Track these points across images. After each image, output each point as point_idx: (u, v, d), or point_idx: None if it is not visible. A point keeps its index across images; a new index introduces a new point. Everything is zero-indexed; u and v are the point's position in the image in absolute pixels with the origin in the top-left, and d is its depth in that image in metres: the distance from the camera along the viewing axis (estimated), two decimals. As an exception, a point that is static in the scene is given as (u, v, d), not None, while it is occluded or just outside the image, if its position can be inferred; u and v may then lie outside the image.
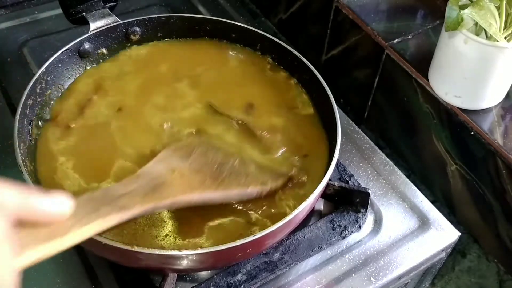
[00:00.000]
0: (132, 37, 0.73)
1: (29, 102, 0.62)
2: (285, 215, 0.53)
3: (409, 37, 0.77)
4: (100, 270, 0.63)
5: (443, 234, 0.69)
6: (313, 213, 0.69)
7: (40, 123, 0.64)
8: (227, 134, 0.65)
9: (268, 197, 0.59)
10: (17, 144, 0.56)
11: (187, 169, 0.54)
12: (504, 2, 0.62)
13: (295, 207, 0.55)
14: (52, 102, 0.67)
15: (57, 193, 0.36)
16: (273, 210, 0.59)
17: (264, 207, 0.59)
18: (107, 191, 0.47)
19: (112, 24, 0.71)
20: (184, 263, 0.52)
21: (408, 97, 0.76)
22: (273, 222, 0.52)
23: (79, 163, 0.61)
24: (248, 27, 0.73)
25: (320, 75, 0.67)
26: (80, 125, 0.65)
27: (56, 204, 0.36)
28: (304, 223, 0.64)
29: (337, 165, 0.71)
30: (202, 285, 0.60)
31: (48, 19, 0.92)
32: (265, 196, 0.58)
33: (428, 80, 0.72)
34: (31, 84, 0.62)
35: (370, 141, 0.78)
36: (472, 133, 0.68)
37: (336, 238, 0.66)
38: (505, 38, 0.62)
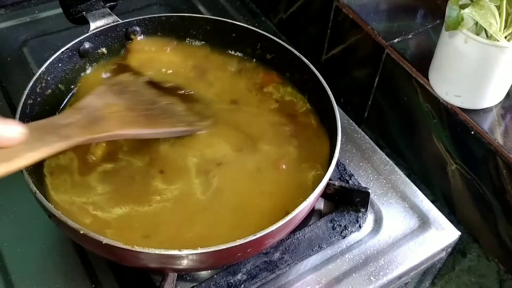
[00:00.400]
0: (132, 36, 0.73)
1: (29, 102, 0.62)
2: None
3: (409, 36, 0.77)
4: (100, 270, 0.63)
5: (443, 233, 0.69)
6: (313, 212, 0.69)
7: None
8: None
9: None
10: (17, 144, 0.56)
11: (122, 105, 0.59)
12: (504, 2, 0.62)
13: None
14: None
15: (8, 120, 0.40)
16: None
17: None
18: (52, 120, 0.53)
19: (112, 24, 0.71)
20: (184, 263, 0.52)
21: (408, 97, 0.76)
22: None
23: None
24: (248, 26, 0.73)
25: (320, 75, 0.67)
26: None
27: (7, 129, 0.40)
28: (304, 222, 0.64)
29: (337, 165, 0.71)
30: (203, 284, 0.60)
31: (48, 18, 0.92)
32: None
33: (428, 79, 0.72)
34: (31, 83, 0.62)
35: (370, 140, 0.78)
36: (472, 132, 0.68)
37: (336, 237, 0.66)
38: (505, 37, 0.62)
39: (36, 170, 0.59)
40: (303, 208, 0.54)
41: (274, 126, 0.68)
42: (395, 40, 0.76)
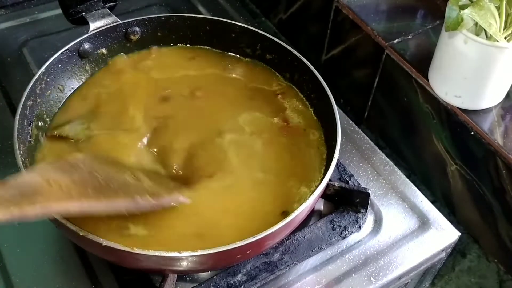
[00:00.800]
0: (132, 37, 0.73)
1: (29, 102, 0.62)
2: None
3: (409, 37, 0.77)
4: (100, 270, 0.63)
5: (443, 234, 0.69)
6: (313, 213, 0.69)
7: (40, 124, 0.64)
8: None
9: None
10: (16, 144, 0.56)
11: (67, 181, 0.50)
12: (504, 2, 0.62)
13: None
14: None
15: None
16: None
17: None
18: None
19: (112, 24, 0.71)
20: (184, 265, 0.52)
21: (408, 97, 0.76)
22: None
23: None
24: (248, 27, 0.73)
25: (320, 75, 0.67)
26: None
27: None
28: (304, 223, 0.64)
29: (337, 165, 0.71)
30: (202, 285, 0.60)
31: (48, 19, 0.92)
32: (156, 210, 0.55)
33: (428, 80, 0.72)
34: (31, 84, 0.62)
35: (370, 141, 0.78)
36: (472, 133, 0.68)
37: (336, 238, 0.66)
38: (505, 38, 0.62)
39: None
40: (303, 209, 0.54)
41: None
42: (395, 41, 0.76)
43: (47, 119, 0.65)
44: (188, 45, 0.76)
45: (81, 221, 0.51)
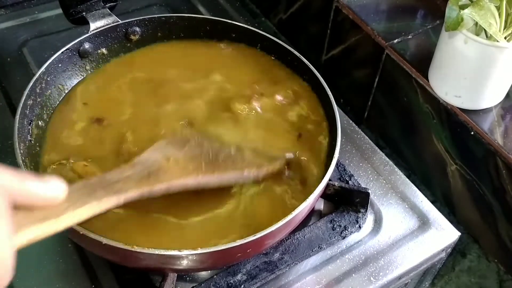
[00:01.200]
0: (132, 37, 0.73)
1: (29, 102, 0.62)
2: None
3: (409, 37, 0.77)
4: (100, 270, 0.63)
5: (443, 234, 0.69)
6: (313, 213, 0.69)
7: (40, 123, 0.64)
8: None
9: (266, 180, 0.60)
10: (17, 144, 0.56)
11: (182, 157, 0.56)
12: (504, 2, 0.62)
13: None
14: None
15: (51, 178, 0.38)
16: None
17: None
18: (103, 177, 0.48)
19: (112, 24, 0.71)
20: (184, 263, 0.52)
21: (408, 97, 0.76)
22: None
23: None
24: (248, 27, 0.73)
25: (320, 75, 0.67)
26: None
27: (50, 188, 0.38)
28: (304, 223, 0.64)
29: (337, 165, 0.71)
30: (202, 285, 0.60)
31: (48, 19, 0.92)
32: (263, 179, 0.60)
33: (428, 80, 0.72)
34: (31, 84, 0.62)
35: (370, 141, 0.78)
36: (472, 133, 0.68)
37: (336, 238, 0.66)
38: (505, 38, 0.62)
39: (36, 170, 0.60)
40: (303, 208, 0.54)
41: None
42: (395, 41, 0.76)
43: (47, 119, 0.65)
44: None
45: None
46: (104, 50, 0.72)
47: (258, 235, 0.51)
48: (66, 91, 0.69)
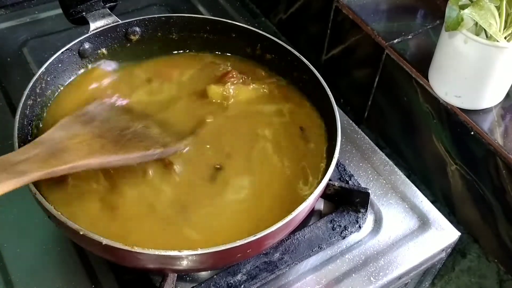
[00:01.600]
0: (132, 37, 0.73)
1: (29, 102, 0.62)
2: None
3: (409, 37, 0.77)
4: (100, 270, 0.63)
5: (443, 234, 0.69)
6: (313, 213, 0.69)
7: (40, 124, 0.64)
8: None
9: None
10: (17, 144, 0.56)
11: (88, 134, 0.55)
12: (504, 2, 0.62)
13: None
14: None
15: None
16: None
17: None
18: (4, 158, 0.49)
19: (112, 24, 0.71)
20: (184, 264, 0.52)
21: (408, 97, 0.76)
22: None
23: None
24: (248, 27, 0.73)
25: (320, 75, 0.67)
26: None
27: None
28: (304, 223, 0.64)
29: (337, 165, 0.71)
30: (202, 285, 0.60)
31: (48, 19, 0.92)
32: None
33: (428, 80, 0.72)
34: (31, 84, 0.62)
35: (370, 141, 0.78)
36: (472, 133, 0.68)
37: (336, 238, 0.66)
38: (505, 38, 0.62)
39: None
40: (303, 208, 0.54)
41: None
42: (395, 41, 0.76)
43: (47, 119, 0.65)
44: (188, 50, 0.76)
45: None
46: (104, 50, 0.72)
47: (258, 235, 0.51)
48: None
